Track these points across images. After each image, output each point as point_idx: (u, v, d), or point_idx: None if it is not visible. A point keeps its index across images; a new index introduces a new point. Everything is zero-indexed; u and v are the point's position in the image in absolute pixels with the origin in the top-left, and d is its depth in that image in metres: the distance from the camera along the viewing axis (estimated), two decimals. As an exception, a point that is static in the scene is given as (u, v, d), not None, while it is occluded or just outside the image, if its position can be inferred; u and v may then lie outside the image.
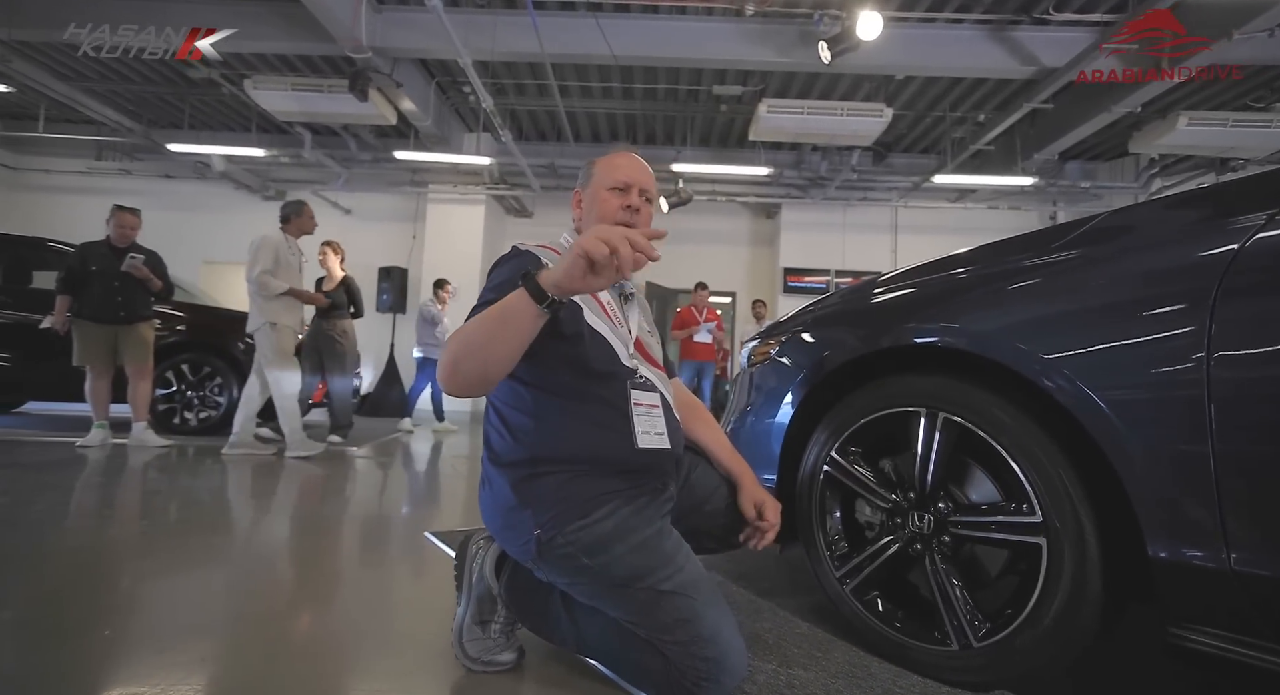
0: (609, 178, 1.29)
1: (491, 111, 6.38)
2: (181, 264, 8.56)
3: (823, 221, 9.15)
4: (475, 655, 1.21)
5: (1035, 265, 1.21)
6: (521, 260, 1.21)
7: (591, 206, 1.31)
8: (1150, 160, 8.05)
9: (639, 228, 1.29)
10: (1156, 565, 0.96)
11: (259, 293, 3.88)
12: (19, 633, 1.33)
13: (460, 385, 1.02)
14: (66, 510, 2.43)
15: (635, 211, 1.28)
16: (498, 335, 0.98)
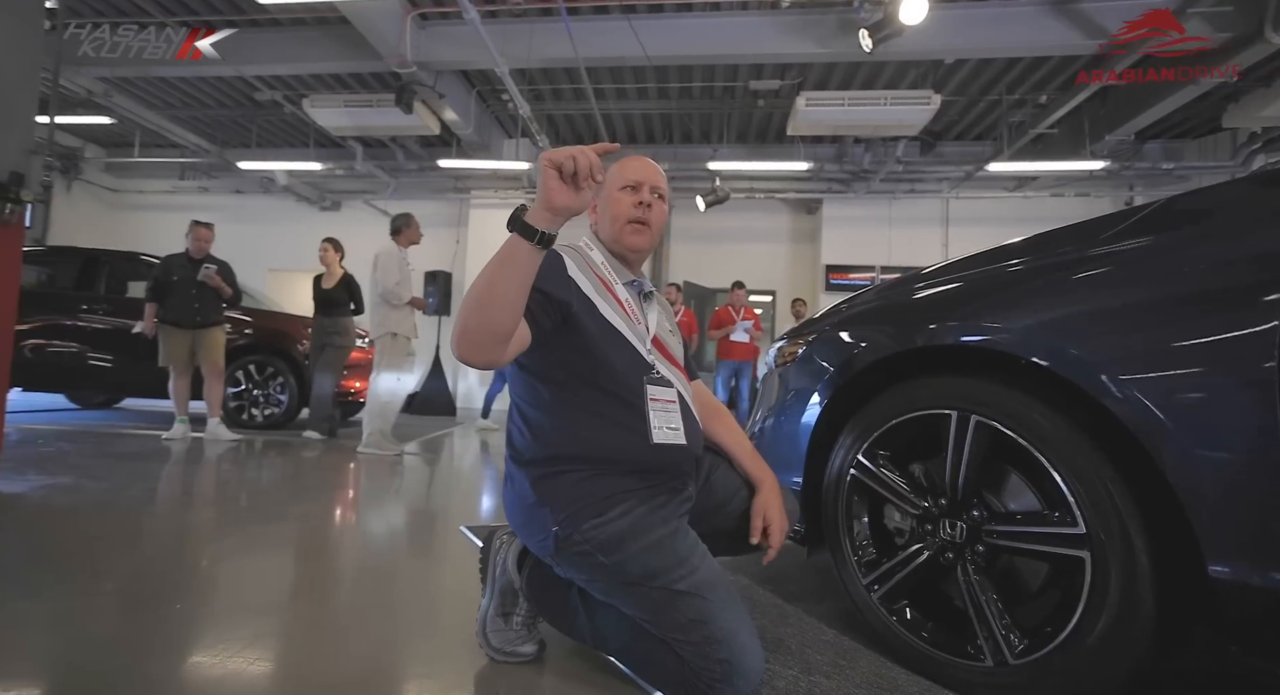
0: (620, 178, 1.31)
1: (529, 118, 6.49)
2: (250, 272, 9.10)
3: (866, 216, 8.91)
4: (498, 646, 1.24)
5: (1081, 259, 1.14)
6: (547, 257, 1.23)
7: (605, 207, 1.33)
8: (1250, 135, 7.29)
9: (652, 222, 1.31)
10: (1217, 585, 0.89)
11: (386, 303, 4.14)
12: (116, 601, 1.50)
13: (470, 346, 1.00)
14: (153, 496, 2.65)
15: (647, 207, 1.30)
16: (497, 281, 0.98)
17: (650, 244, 1.34)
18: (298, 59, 6.24)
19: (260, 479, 3.21)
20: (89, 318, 5.08)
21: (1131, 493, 1.01)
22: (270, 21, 6.08)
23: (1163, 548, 0.99)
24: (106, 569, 1.74)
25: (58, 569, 1.72)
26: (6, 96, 2.49)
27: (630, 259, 1.34)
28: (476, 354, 1.01)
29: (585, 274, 1.23)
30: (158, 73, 6.54)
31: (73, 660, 1.24)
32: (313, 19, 5.97)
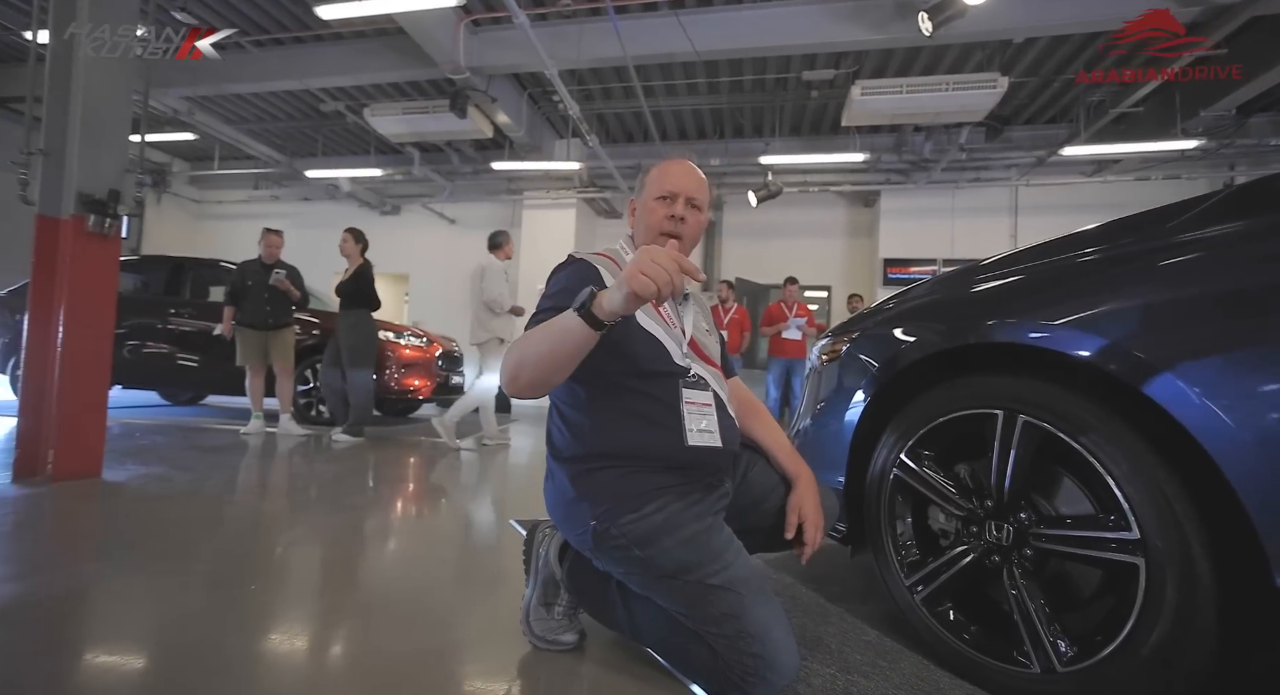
0: (657, 187, 1.32)
1: (578, 118, 6.57)
2: (318, 275, 9.60)
3: (927, 207, 8.59)
4: (540, 634, 1.29)
5: (1147, 249, 1.09)
6: (577, 268, 1.27)
7: (642, 214, 1.35)
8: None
9: (685, 235, 1.31)
10: None
11: (489, 310, 4.48)
12: (199, 580, 1.65)
13: (520, 390, 1.09)
14: (232, 486, 2.86)
15: (681, 220, 1.30)
16: (556, 352, 1.04)
17: (685, 254, 1.35)
18: (359, 70, 6.54)
19: (326, 472, 3.40)
20: (177, 321, 5.49)
21: (1192, 499, 0.96)
22: (333, 35, 6.40)
23: (1227, 557, 0.94)
24: (191, 551, 1.90)
25: (151, 550, 1.89)
26: (105, 122, 2.73)
27: None
28: (527, 395, 1.11)
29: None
30: (234, 90, 7.02)
31: (161, 633, 1.36)
32: (372, 31, 6.24)
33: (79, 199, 2.60)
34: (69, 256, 2.59)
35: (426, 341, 5.76)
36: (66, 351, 2.60)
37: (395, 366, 5.39)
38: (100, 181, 2.68)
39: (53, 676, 1.14)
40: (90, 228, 2.63)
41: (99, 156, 2.69)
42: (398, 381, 5.41)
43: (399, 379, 5.42)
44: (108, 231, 2.68)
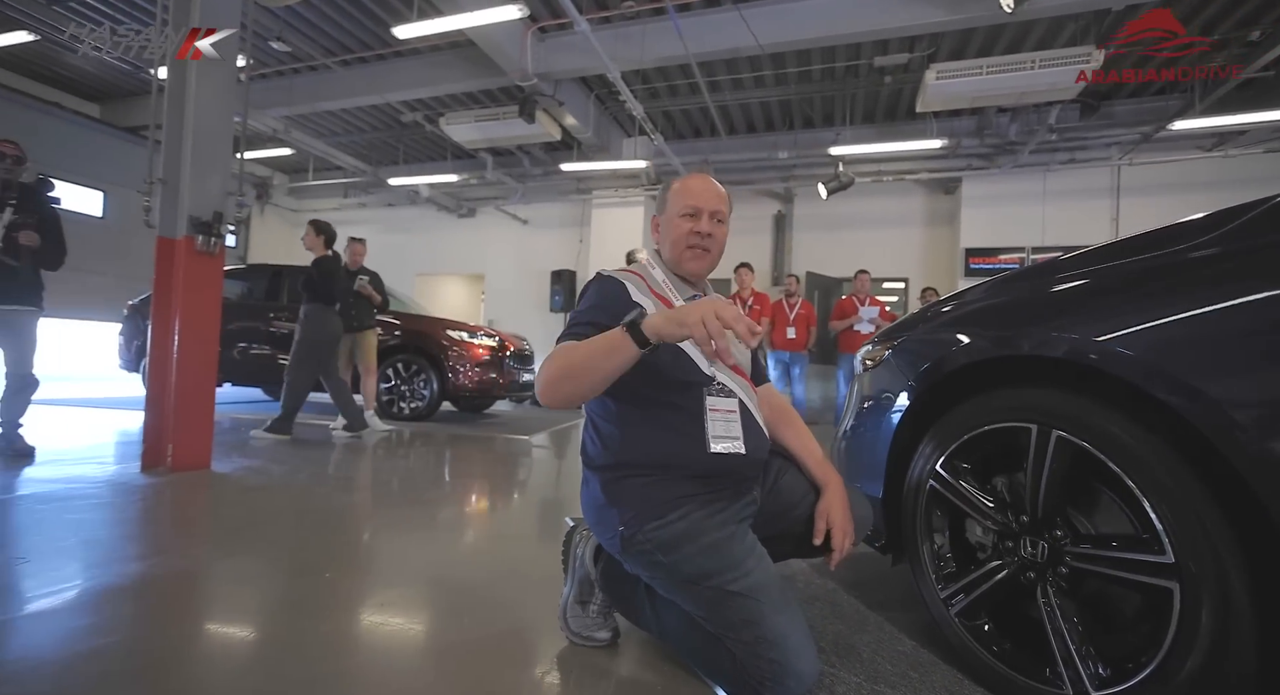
0: (680, 204, 1.35)
1: (643, 118, 6.63)
2: (400, 277, 10.22)
3: (1014, 192, 8.07)
4: (576, 630, 1.37)
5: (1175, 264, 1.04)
6: (605, 285, 1.32)
7: (667, 231, 1.38)
8: None
9: (712, 249, 1.35)
10: None
11: None
12: (289, 565, 1.84)
13: (556, 401, 1.15)
14: (320, 478, 3.11)
15: (707, 236, 1.34)
16: (599, 367, 1.10)
17: (710, 266, 1.38)
18: (434, 82, 6.90)
19: (404, 466, 3.66)
20: (277, 324, 6.01)
21: (1231, 525, 0.91)
22: (410, 51, 6.78)
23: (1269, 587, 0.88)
24: (281, 538, 2.12)
25: (249, 536, 2.14)
26: (212, 150, 3.06)
27: (691, 279, 1.39)
28: (559, 405, 1.18)
29: (646, 296, 1.30)
30: (324, 107, 7.58)
31: (258, 608, 1.55)
32: (446, 44, 6.56)
33: (189, 221, 2.93)
34: (182, 272, 2.93)
35: (498, 341, 6.01)
36: (181, 355, 2.94)
37: (469, 365, 5.66)
38: (206, 205, 3.01)
39: (176, 642, 1.34)
40: (198, 247, 2.96)
41: (205, 182, 3.02)
42: (472, 380, 5.68)
43: (473, 377, 5.69)
44: (213, 250, 3.01)
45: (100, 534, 2.08)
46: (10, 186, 3.12)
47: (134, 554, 1.91)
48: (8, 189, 3.11)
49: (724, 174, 9.14)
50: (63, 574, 1.68)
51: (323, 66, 7.00)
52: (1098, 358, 1.05)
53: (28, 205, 3.15)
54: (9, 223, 3.03)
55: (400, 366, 5.76)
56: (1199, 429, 0.91)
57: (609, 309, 1.24)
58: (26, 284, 3.18)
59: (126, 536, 2.11)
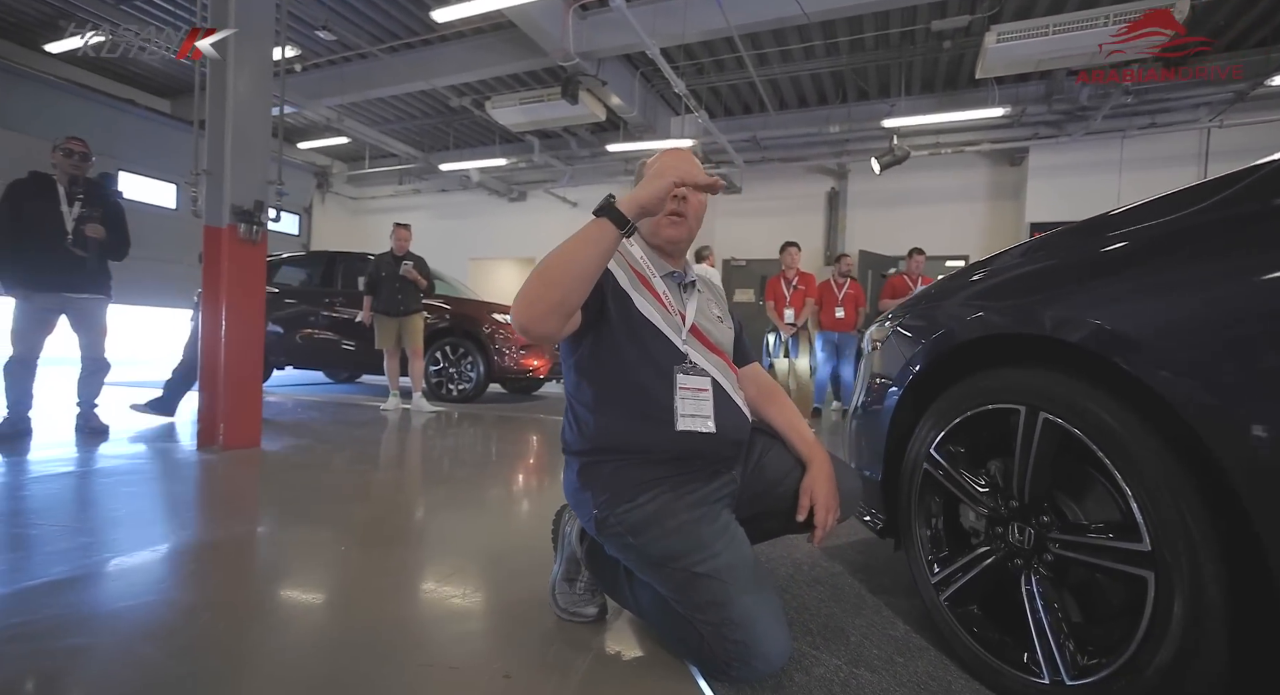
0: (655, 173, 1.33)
1: (685, 95, 6.53)
2: (454, 262, 10.53)
3: (1087, 161, 7.51)
4: (564, 606, 1.41)
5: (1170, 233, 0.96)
6: None
7: None
8: None
9: (688, 214, 1.33)
10: None
11: None
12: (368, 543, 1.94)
13: (536, 316, 1.07)
14: (361, 457, 3.27)
15: (683, 200, 1.32)
16: (580, 259, 1.06)
17: (688, 235, 1.36)
18: (478, 66, 7.00)
19: (446, 445, 3.81)
20: (334, 310, 6.30)
21: (1210, 516, 0.85)
22: (455, 34, 6.88)
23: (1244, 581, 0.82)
24: (322, 511, 2.26)
25: (294, 509, 2.30)
26: (251, 139, 3.21)
27: (669, 251, 1.37)
28: (539, 323, 1.08)
29: (621, 268, 1.30)
30: (373, 95, 7.81)
31: (306, 571, 1.67)
32: (489, 26, 6.62)
33: (232, 210, 3.11)
34: (227, 260, 3.11)
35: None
36: (229, 338, 3.14)
37: (514, 347, 5.78)
38: (248, 194, 3.17)
39: (235, 601, 1.47)
40: (241, 235, 3.13)
41: (246, 172, 3.18)
42: (517, 362, 5.81)
43: (518, 359, 5.81)
44: (255, 238, 3.18)
45: (152, 506, 2.27)
46: (77, 182, 3.37)
47: (196, 523, 2.07)
48: (75, 184, 3.36)
49: (774, 151, 8.92)
50: (112, 540, 1.86)
51: (371, 54, 7.20)
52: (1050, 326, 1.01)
53: (94, 199, 3.40)
54: (78, 216, 3.30)
55: (448, 349, 5.94)
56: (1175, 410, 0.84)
57: None
58: (95, 273, 3.44)
59: (173, 509, 2.29)
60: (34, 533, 1.88)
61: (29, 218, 3.25)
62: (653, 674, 1.20)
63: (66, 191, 3.33)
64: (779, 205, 9.49)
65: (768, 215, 9.55)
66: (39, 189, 3.31)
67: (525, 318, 1.07)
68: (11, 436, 3.20)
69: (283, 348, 6.48)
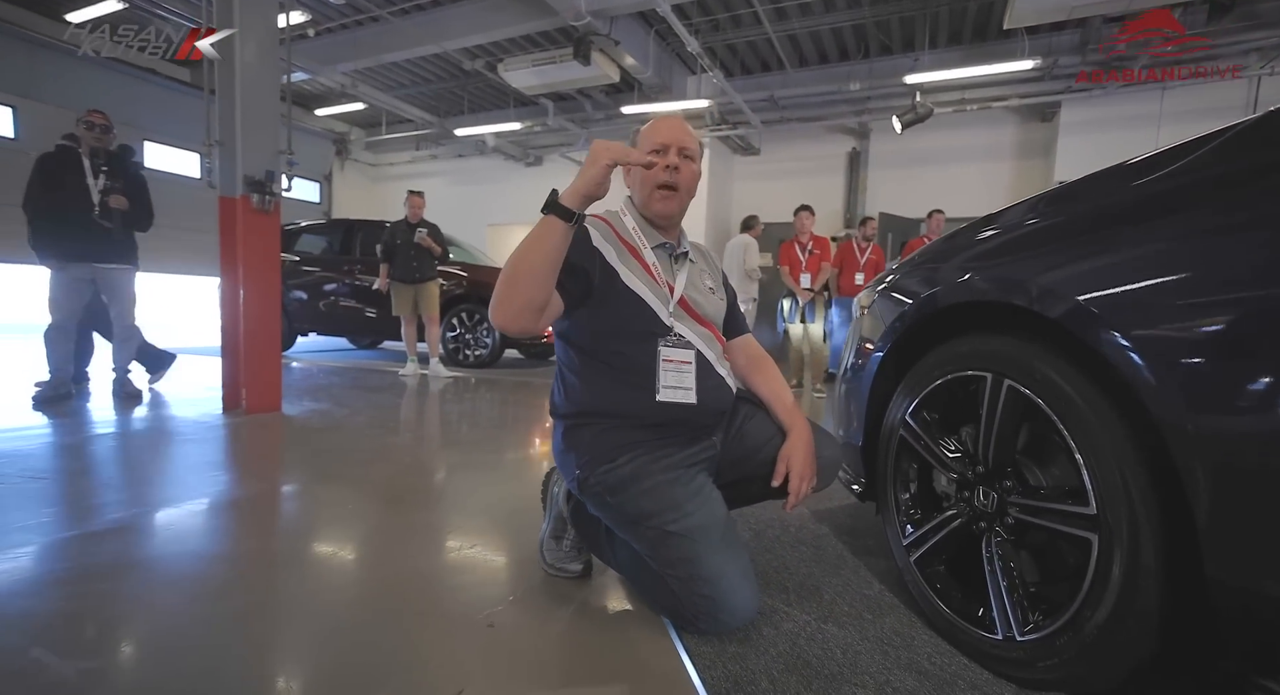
0: (649, 142, 1.34)
1: (698, 53, 6.35)
2: (472, 228, 10.55)
3: (1124, 116, 7.15)
4: (551, 561, 1.49)
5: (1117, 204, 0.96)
6: None
7: (637, 172, 1.37)
8: None
9: (681, 184, 1.34)
10: (1214, 587, 0.76)
11: (749, 277, 5.80)
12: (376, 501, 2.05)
13: (507, 316, 1.14)
14: (375, 421, 3.37)
15: (675, 169, 1.32)
16: (533, 259, 1.10)
17: (680, 208, 1.37)
18: (489, 27, 6.88)
19: (460, 410, 3.92)
20: (354, 277, 6.41)
21: (1153, 483, 0.87)
22: (467, -7, 6.75)
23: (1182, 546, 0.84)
24: (337, 471, 2.37)
25: (313, 468, 2.42)
26: (260, 109, 3.25)
27: (661, 223, 1.39)
28: (513, 322, 1.14)
29: (610, 242, 1.32)
30: (387, 59, 7.74)
31: (323, 521, 1.78)
32: (499, -16, 6.48)
33: (244, 181, 3.17)
34: (242, 229, 3.19)
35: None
36: (246, 307, 3.24)
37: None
38: (259, 164, 3.23)
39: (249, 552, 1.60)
40: (255, 206, 3.20)
41: (257, 142, 3.23)
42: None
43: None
44: (268, 208, 3.24)
45: (179, 465, 2.41)
46: (100, 154, 3.45)
47: (226, 481, 2.21)
48: (97, 156, 3.44)
49: (792, 111, 8.67)
50: (142, 496, 1.99)
51: (382, 17, 7.12)
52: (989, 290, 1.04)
53: (116, 171, 3.49)
54: (102, 188, 3.39)
55: (464, 315, 6.03)
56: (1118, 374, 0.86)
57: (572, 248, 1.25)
58: (120, 244, 3.55)
59: (198, 469, 2.42)
60: (74, 488, 2.03)
61: (58, 191, 3.36)
62: (628, 626, 1.27)
63: (90, 164, 3.42)
64: (798, 167, 9.27)
65: (786, 177, 9.34)
66: (65, 162, 3.41)
67: (500, 319, 1.15)
68: (52, 400, 3.38)
69: (305, 315, 6.65)
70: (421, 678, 1.05)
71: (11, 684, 1.01)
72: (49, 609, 1.26)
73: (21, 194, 3.40)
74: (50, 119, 7.44)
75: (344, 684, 1.04)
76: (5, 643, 1.12)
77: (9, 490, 1.97)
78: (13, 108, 7.67)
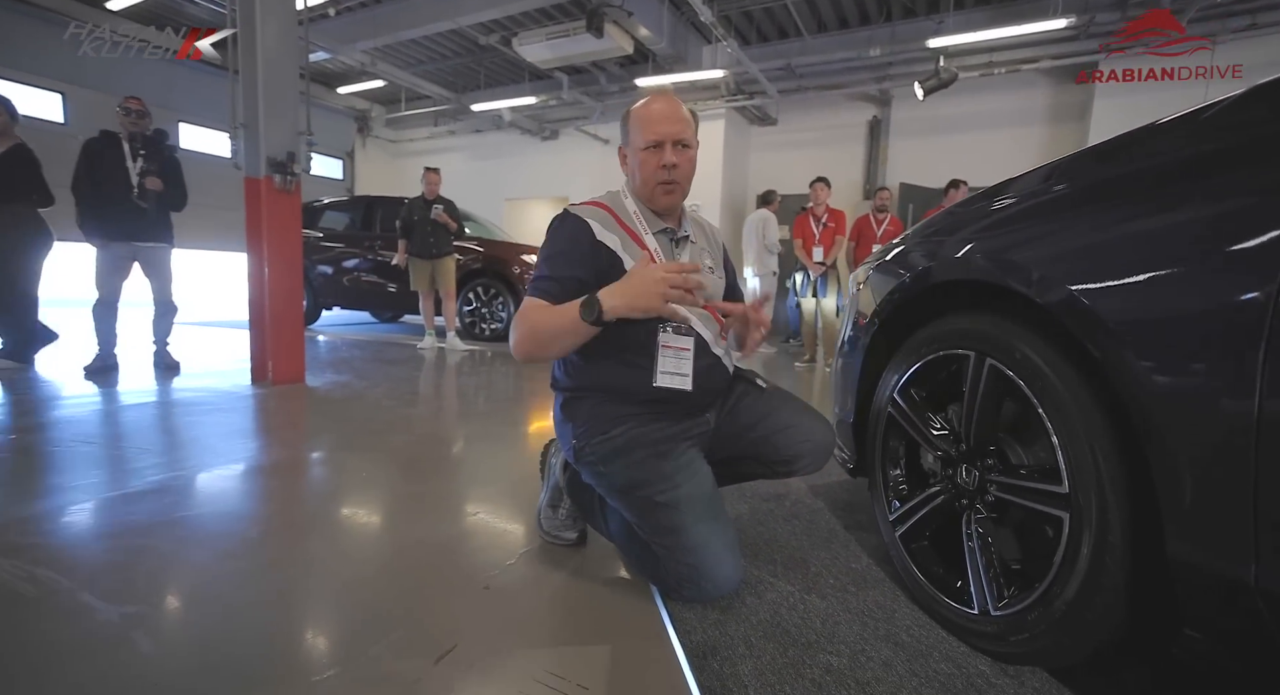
0: (642, 136, 1.33)
1: (711, 22, 6.22)
2: (490, 204, 10.59)
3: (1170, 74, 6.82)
4: (548, 529, 1.55)
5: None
6: (570, 228, 1.33)
7: (634, 164, 1.37)
8: None
9: (679, 180, 1.34)
10: (1174, 564, 0.78)
11: (767, 250, 5.81)
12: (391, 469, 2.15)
13: (534, 358, 1.30)
14: (392, 393, 3.47)
15: (674, 167, 1.32)
16: (562, 342, 1.25)
17: (682, 198, 1.38)
18: (503, 1, 6.81)
19: (476, 382, 4.00)
20: (375, 253, 6.52)
21: (1124, 462, 0.88)
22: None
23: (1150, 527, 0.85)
24: (358, 439, 2.47)
25: (336, 434, 2.53)
26: (281, 91, 3.30)
27: (662, 212, 1.40)
28: (536, 360, 1.33)
29: (613, 231, 1.33)
30: (404, 36, 7.72)
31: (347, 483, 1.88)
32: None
33: (267, 162, 3.24)
34: (266, 208, 3.27)
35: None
36: (271, 282, 3.34)
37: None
38: (281, 146, 3.30)
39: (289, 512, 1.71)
40: (277, 186, 3.28)
41: (278, 125, 3.30)
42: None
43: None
44: (289, 187, 3.32)
45: (211, 432, 2.52)
46: (137, 138, 3.60)
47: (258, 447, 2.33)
48: (135, 141, 3.59)
49: (810, 79, 8.46)
50: (177, 460, 2.10)
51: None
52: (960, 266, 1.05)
53: (153, 155, 3.64)
54: (140, 171, 3.53)
55: (480, 290, 6.11)
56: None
57: (571, 255, 1.29)
58: (157, 223, 3.71)
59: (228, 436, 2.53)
60: (117, 453, 2.18)
61: (101, 174, 3.53)
62: (616, 591, 1.33)
63: (129, 148, 3.58)
64: (816, 136, 9.05)
65: (804, 147, 9.14)
66: (108, 146, 3.58)
67: (525, 357, 1.29)
68: (101, 371, 3.57)
69: (330, 289, 6.80)
70: (419, 633, 1.12)
71: (64, 624, 1.12)
72: (97, 559, 1.39)
73: (71, 176, 3.56)
74: (96, 104, 7.80)
75: (350, 633, 1.12)
76: (58, 588, 1.24)
77: (63, 453, 2.14)
78: (62, 94, 8.06)
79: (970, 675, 1.05)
